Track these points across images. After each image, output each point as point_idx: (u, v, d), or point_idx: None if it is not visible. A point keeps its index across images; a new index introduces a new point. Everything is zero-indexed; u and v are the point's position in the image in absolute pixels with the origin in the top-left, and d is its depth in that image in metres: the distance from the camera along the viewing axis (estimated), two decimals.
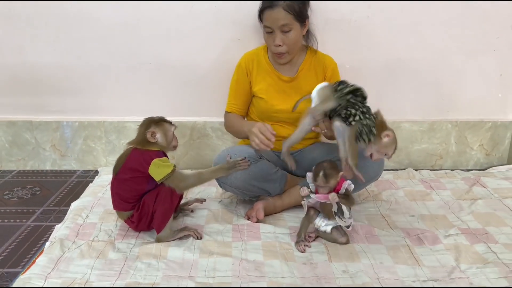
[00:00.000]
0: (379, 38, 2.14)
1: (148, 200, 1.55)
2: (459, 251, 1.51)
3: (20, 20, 2.10)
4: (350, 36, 2.13)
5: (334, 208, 1.51)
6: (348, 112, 1.47)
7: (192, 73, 2.19)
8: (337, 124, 1.49)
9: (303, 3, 1.75)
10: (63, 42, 2.14)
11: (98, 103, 2.26)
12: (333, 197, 1.48)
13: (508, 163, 2.36)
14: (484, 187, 2.04)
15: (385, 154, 1.52)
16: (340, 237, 1.57)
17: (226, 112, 1.95)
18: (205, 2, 2.06)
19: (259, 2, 1.93)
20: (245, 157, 1.61)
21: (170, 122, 1.62)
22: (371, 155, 1.50)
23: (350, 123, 1.47)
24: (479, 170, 2.33)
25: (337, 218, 1.52)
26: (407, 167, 2.31)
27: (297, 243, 1.55)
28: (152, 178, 1.53)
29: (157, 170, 1.51)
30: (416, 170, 2.26)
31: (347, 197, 1.51)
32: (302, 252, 1.52)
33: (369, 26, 2.11)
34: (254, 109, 1.94)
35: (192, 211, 1.79)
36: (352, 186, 1.52)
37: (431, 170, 2.30)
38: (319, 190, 1.52)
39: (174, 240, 1.58)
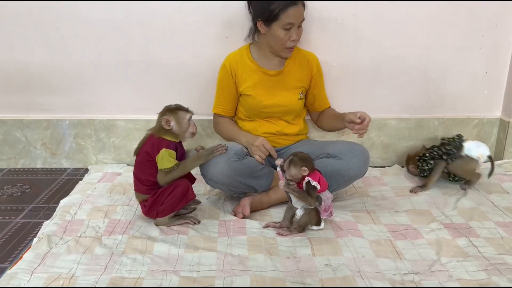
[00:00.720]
0: (366, 36, 2.16)
1: (164, 190, 1.63)
2: (441, 245, 1.54)
3: (10, 18, 2.11)
4: (337, 34, 2.15)
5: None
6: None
7: (181, 71, 2.21)
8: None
9: None
10: (53, 41, 2.15)
11: (88, 101, 2.27)
12: (280, 184, 1.56)
13: (494, 160, 2.38)
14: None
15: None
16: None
17: (215, 114, 1.99)
18: (193, 1, 2.08)
19: (245, 2, 1.96)
20: (221, 144, 1.72)
21: (186, 110, 1.66)
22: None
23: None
24: None
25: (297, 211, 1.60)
26: (394, 164, 2.33)
27: (279, 228, 1.63)
28: None
29: (161, 160, 1.58)
30: (402, 167, 2.28)
31: (303, 194, 1.53)
32: (281, 235, 1.59)
33: (355, 24, 2.14)
34: (242, 108, 1.97)
35: (191, 208, 1.83)
36: (317, 186, 1.53)
37: None
38: (284, 174, 1.57)
39: (171, 226, 1.66)
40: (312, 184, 1.52)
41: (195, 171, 1.74)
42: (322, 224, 1.63)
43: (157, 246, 1.52)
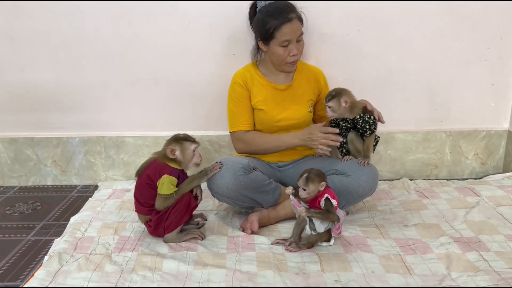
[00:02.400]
0: (371, 50, 2.18)
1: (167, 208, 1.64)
2: (451, 260, 1.53)
3: (21, 39, 2.17)
4: (342, 49, 2.17)
5: (307, 220, 1.56)
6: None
7: (189, 88, 2.24)
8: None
9: (300, 11, 1.86)
10: (62, 60, 2.20)
11: (97, 118, 2.31)
12: (300, 211, 1.54)
13: (503, 172, 2.37)
14: (479, 195, 2.06)
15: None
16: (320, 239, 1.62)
17: (237, 132, 1.93)
18: (200, 20, 2.12)
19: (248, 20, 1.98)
20: (217, 161, 1.73)
21: (193, 141, 1.68)
22: None
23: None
24: (475, 179, 2.35)
25: (307, 227, 1.57)
26: (402, 177, 2.33)
27: (288, 244, 1.62)
28: None
29: (161, 185, 1.61)
30: (411, 180, 2.28)
31: (325, 214, 1.53)
32: (290, 251, 1.59)
33: (360, 39, 2.16)
34: (254, 122, 1.98)
35: (198, 223, 1.83)
36: (335, 202, 1.54)
37: (427, 179, 2.32)
38: (300, 193, 1.56)
39: (180, 242, 1.68)
40: (331, 201, 1.53)
41: (203, 185, 1.75)
42: (332, 241, 1.63)
43: (166, 263, 1.53)
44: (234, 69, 2.00)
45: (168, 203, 1.63)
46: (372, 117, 1.79)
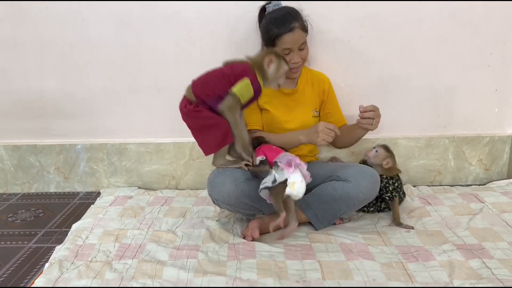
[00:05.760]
0: (373, 56, 2.18)
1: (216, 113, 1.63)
2: (453, 267, 1.51)
3: (25, 47, 2.18)
4: (344, 55, 2.17)
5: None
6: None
7: None
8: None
9: (305, 19, 1.87)
10: (65, 68, 2.21)
11: (100, 125, 2.32)
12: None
13: (508, 178, 2.35)
14: (482, 202, 2.04)
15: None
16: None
17: (251, 132, 1.92)
18: (202, 26, 2.13)
19: (253, 25, 2.01)
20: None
21: (286, 62, 1.68)
22: None
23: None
24: (479, 185, 2.33)
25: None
26: (405, 183, 2.31)
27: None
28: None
29: (239, 85, 1.58)
30: (414, 186, 2.26)
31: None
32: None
33: (362, 45, 2.16)
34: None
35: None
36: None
37: (430, 186, 2.30)
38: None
39: (226, 167, 1.72)
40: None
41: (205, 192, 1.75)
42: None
43: (166, 270, 1.52)
44: None
45: (230, 113, 1.61)
46: (396, 184, 1.94)
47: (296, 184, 1.54)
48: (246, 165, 1.72)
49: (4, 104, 2.28)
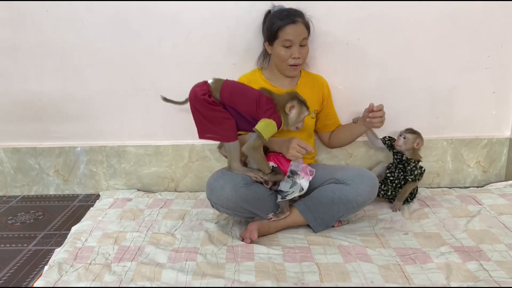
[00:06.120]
0: (371, 59, 2.19)
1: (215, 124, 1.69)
2: (451, 269, 1.52)
3: (24, 50, 2.19)
4: (342, 58, 2.18)
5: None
6: None
7: None
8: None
9: (308, 19, 1.92)
10: (64, 70, 2.22)
11: (99, 128, 2.32)
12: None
13: (506, 180, 2.36)
14: (480, 204, 2.05)
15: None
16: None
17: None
18: (200, 30, 2.14)
19: (252, 28, 2.02)
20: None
21: (308, 108, 1.74)
22: None
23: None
24: (477, 187, 2.34)
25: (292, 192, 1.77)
26: None
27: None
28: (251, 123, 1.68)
29: (265, 123, 1.64)
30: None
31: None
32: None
33: (360, 48, 2.16)
34: None
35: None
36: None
37: (429, 188, 2.31)
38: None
39: (241, 174, 1.75)
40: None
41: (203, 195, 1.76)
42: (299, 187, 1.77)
43: (165, 273, 1.53)
44: (234, 78, 2.01)
45: (255, 153, 1.68)
46: (422, 169, 2.01)
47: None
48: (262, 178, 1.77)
49: (4, 107, 2.29)
